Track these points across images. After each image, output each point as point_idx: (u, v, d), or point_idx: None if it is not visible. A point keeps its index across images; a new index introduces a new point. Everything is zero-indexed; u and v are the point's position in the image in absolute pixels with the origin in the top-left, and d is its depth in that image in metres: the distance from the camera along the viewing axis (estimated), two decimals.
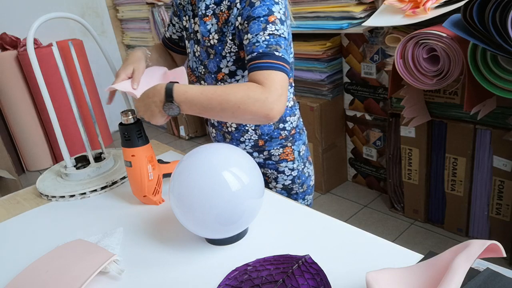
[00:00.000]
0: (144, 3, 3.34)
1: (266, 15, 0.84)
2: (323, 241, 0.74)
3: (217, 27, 0.94)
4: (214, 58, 0.96)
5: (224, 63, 0.95)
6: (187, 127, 3.51)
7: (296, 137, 1.09)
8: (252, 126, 1.04)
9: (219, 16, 0.93)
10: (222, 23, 0.93)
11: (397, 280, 0.55)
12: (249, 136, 1.06)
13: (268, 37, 0.83)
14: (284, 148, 1.08)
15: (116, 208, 0.96)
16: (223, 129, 1.09)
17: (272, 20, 0.84)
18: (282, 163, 1.08)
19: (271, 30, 0.84)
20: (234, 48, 0.93)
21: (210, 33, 0.95)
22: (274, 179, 1.11)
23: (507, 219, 1.74)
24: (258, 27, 0.84)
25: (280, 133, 1.06)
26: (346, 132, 2.47)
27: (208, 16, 0.95)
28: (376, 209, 2.25)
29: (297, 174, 1.11)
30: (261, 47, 0.83)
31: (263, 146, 1.07)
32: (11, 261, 0.80)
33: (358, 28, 1.87)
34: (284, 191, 1.12)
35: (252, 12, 0.85)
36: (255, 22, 0.84)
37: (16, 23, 3.08)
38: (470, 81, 1.41)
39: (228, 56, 0.94)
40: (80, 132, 1.07)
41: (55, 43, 1.03)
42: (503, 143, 1.64)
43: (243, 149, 1.08)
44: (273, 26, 0.84)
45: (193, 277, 0.69)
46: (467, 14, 1.22)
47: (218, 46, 0.94)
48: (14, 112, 3.11)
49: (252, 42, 0.84)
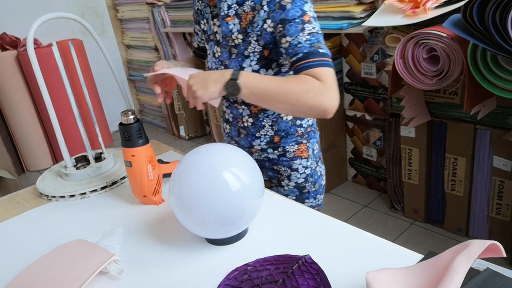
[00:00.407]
0: (144, 3, 3.34)
1: (300, 15, 0.87)
2: (323, 241, 0.74)
3: (239, 27, 0.95)
4: (236, 58, 0.97)
5: (247, 63, 0.96)
6: (187, 127, 3.51)
7: (311, 135, 1.10)
8: (269, 121, 1.04)
9: (242, 16, 0.94)
10: (247, 23, 0.94)
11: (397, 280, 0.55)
12: (265, 132, 1.06)
13: (308, 36, 0.86)
14: (299, 145, 1.08)
15: (116, 208, 0.96)
16: (239, 124, 1.08)
17: (307, 20, 0.87)
18: (297, 160, 1.08)
19: (309, 30, 0.87)
20: (258, 48, 0.94)
21: (232, 33, 0.96)
22: (287, 177, 1.10)
23: (507, 219, 1.74)
24: (296, 28, 0.87)
25: (296, 130, 1.06)
26: (346, 132, 2.47)
27: (230, 16, 0.95)
28: (376, 209, 2.25)
29: (310, 172, 1.11)
30: (304, 48, 0.86)
31: (279, 143, 1.07)
32: (11, 261, 0.80)
33: (358, 28, 1.86)
34: (296, 189, 1.11)
35: (286, 15, 0.88)
36: (292, 24, 0.87)
37: (16, 23, 3.08)
38: (470, 81, 1.41)
39: (252, 55, 0.95)
40: (80, 132, 1.07)
41: (55, 43, 1.03)
42: (503, 143, 1.64)
43: (258, 145, 1.08)
44: (310, 25, 0.87)
45: (193, 277, 0.69)
46: (467, 14, 1.22)
47: (241, 46, 0.95)
48: (14, 112, 3.11)
49: (293, 44, 0.87)
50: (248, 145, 1.09)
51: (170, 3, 3.08)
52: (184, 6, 2.98)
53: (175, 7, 3.07)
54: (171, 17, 3.17)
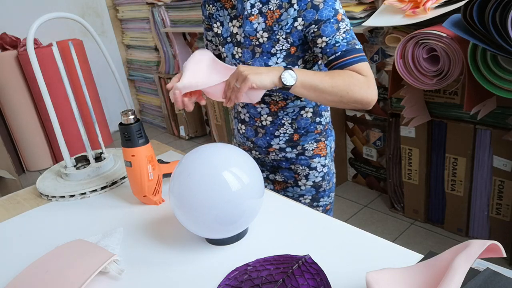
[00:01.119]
0: (144, 3, 3.34)
1: (334, 15, 0.90)
2: (323, 241, 0.74)
3: (265, 26, 0.95)
4: (261, 57, 0.97)
5: (274, 60, 0.96)
6: (187, 127, 3.51)
7: (328, 133, 1.11)
8: (289, 119, 1.04)
9: (267, 14, 0.94)
10: (273, 21, 0.94)
11: (397, 280, 0.55)
12: (285, 130, 1.06)
13: (344, 35, 0.90)
14: (318, 142, 1.08)
15: (116, 208, 0.96)
16: (256, 124, 1.08)
17: (340, 18, 0.90)
18: (315, 158, 1.09)
19: (343, 28, 0.90)
20: (286, 46, 0.94)
21: (257, 31, 0.96)
22: (305, 176, 1.10)
23: (507, 219, 1.74)
24: (332, 28, 0.89)
25: (316, 127, 1.07)
26: (346, 132, 2.47)
27: (254, 15, 0.95)
28: (376, 209, 2.25)
29: (327, 171, 1.12)
30: (342, 46, 0.89)
31: (298, 141, 1.07)
32: (11, 261, 0.80)
33: (358, 28, 1.86)
34: (313, 188, 1.12)
35: (319, 15, 0.89)
36: (327, 24, 0.89)
37: (16, 23, 3.08)
38: (470, 81, 1.41)
39: (279, 53, 0.95)
40: (80, 132, 1.07)
41: (55, 43, 1.03)
42: (503, 143, 1.64)
43: (276, 144, 1.08)
44: (343, 23, 0.91)
45: (193, 277, 0.69)
46: (467, 14, 1.22)
47: (267, 44, 0.95)
48: (14, 112, 3.11)
49: (331, 44, 0.90)
50: (266, 144, 1.09)
51: (170, 3, 3.08)
52: (184, 6, 2.98)
53: (175, 7, 3.07)
54: (171, 17, 3.17)
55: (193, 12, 2.93)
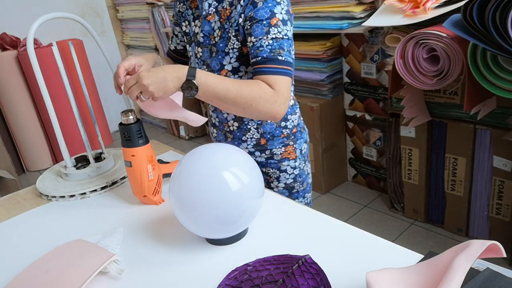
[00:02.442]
0: (144, 3, 3.34)
1: (268, 18, 0.86)
2: (323, 241, 0.74)
3: (219, 24, 0.95)
4: (217, 56, 0.97)
5: (227, 60, 0.96)
6: (187, 127, 3.51)
7: (297, 136, 1.10)
8: (254, 125, 1.04)
9: (221, 13, 0.94)
10: (224, 19, 0.94)
11: (397, 280, 0.55)
12: (251, 135, 1.06)
13: (271, 41, 0.86)
14: (286, 147, 1.08)
15: (116, 208, 0.96)
16: (225, 129, 1.09)
17: (274, 23, 0.86)
18: (284, 161, 1.09)
19: (273, 34, 0.86)
20: (237, 44, 0.93)
21: (214, 30, 0.96)
22: (276, 178, 1.11)
23: (507, 219, 1.74)
24: (261, 30, 0.86)
25: (282, 131, 1.06)
26: (346, 132, 2.47)
27: (211, 14, 0.96)
28: (376, 209, 2.25)
29: (298, 173, 1.11)
30: (264, 52, 0.86)
31: (265, 145, 1.07)
32: (11, 261, 0.80)
33: (358, 28, 1.86)
34: (286, 190, 1.12)
35: (255, 14, 0.87)
36: (258, 25, 0.86)
37: (16, 23, 3.08)
38: (470, 81, 1.41)
39: (231, 52, 0.95)
40: (80, 132, 1.07)
41: (55, 43, 1.03)
42: (503, 143, 1.64)
43: (245, 149, 1.08)
44: (276, 29, 0.86)
45: (193, 277, 0.69)
46: (467, 14, 1.22)
47: (220, 43, 0.95)
48: (14, 112, 3.11)
49: (256, 46, 0.87)
50: None
51: (170, 3, 3.08)
52: None
53: None
54: (171, 17, 3.17)
55: None
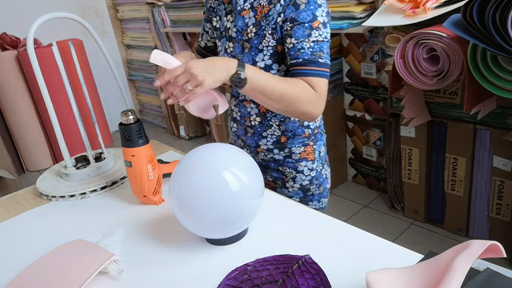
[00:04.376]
0: (144, 3, 3.34)
1: (310, 20, 0.87)
2: (323, 241, 0.74)
3: (255, 21, 0.95)
4: (249, 52, 0.97)
5: (260, 57, 0.96)
6: (187, 127, 3.51)
7: (318, 137, 1.10)
8: (277, 121, 1.04)
9: (257, 9, 0.94)
10: (262, 16, 0.94)
11: (397, 280, 0.55)
12: (272, 132, 1.05)
13: (312, 43, 0.87)
14: (305, 146, 1.07)
15: (116, 208, 0.96)
16: (246, 123, 1.08)
17: (316, 26, 0.88)
18: (302, 162, 1.08)
19: (315, 37, 0.88)
20: (272, 42, 0.94)
21: (248, 26, 0.96)
22: (292, 179, 1.10)
23: (507, 219, 1.74)
24: (303, 33, 0.87)
25: (304, 131, 1.06)
26: (346, 132, 2.46)
27: (246, 10, 0.96)
28: (376, 209, 2.25)
29: (315, 175, 1.10)
30: (306, 54, 0.87)
31: (285, 143, 1.06)
32: (11, 261, 0.80)
33: (358, 28, 1.86)
34: (301, 191, 1.11)
35: (297, 15, 0.88)
36: (300, 27, 0.88)
37: (16, 23, 3.08)
38: (470, 81, 1.41)
39: (265, 49, 0.95)
40: (80, 132, 1.07)
41: (55, 43, 1.03)
42: (503, 143, 1.64)
43: (264, 145, 1.08)
44: (317, 32, 0.88)
45: (193, 277, 0.69)
46: (467, 14, 1.22)
47: (255, 39, 0.95)
48: (14, 112, 3.11)
49: (297, 47, 0.88)
50: (255, 144, 1.09)
51: (170, 3, 3.08)
52: (184, 6, 2.98)
53: (175, 7, 3.07)
54: (171, 17, 3.17)
55: (193, 12, 2.93)
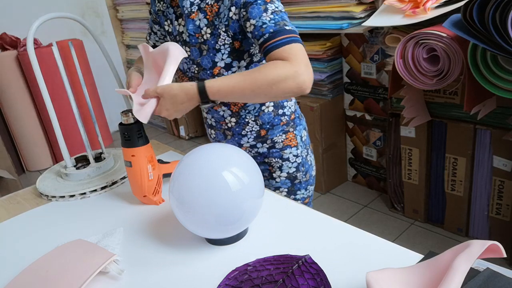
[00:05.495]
0: (144, 3, 3.34)
1: None
2: (323, 241, 0.74)
3: (207, 21, 0.94)
4: (208, 54, 0.96)
5: (219, 57, 0.96)
6: (187, 127, 3.51)
7: (296, 122, 1.10)
8: (252, 117, 1.04)
9: (206, 10, 0.93)
10: (213, 16, 0.93)
11: (397, 280, 0.55)
12: (251, 128, 1.06)
13: (272, 15, 0.86)
14: (286, 133, 1.08)
15: (116, 208, 0.96)
16: (223, 127, 1.09)
17: (269, 0, 0.87)
18: (286, 149, 1.09)
19: (272, 9, 0.86)
20: (228, 40, 0.93)
21: (200, 28, 0.95)
22: (279, 168, 1.10)
23: (507, 219, 1.74)
24: (259, 10, 0.86)
25: (280, 119, 1.07)
26: (346, 132, 2.46)
27: (194, 13, 0.95)
28: (376, 209, 2.25)
29: (301, 161, 1.11)
30: (270, 27, 0.85)
31: (266, 136, 1.07)
32: (11, 261, 0.80)
33: (358, 28, 1.86)
34: (288, 180, 1.11)
35: None
36: (254, 6, 0.86)
37: (16, 23, 3.08)
38: (470, 81, 1.41)
39: (223, 48, 0.94)
40: (80, 132, 1.07)
41: (55, 43, 1.03)
42: (503, 143, 1.64)
43: (246, 143, 1.08)
44: (272, 5, 0.87)
45: (193, 277, 0.69)
46: (467, 14, 1.22)
47: (211, 40, 0.94)
48: (14, 112, 3.11)
49: (258, 26, 0.86)
50: (237, 145, 1.09)
51: None
52: None
53: None
54: None
55: None
